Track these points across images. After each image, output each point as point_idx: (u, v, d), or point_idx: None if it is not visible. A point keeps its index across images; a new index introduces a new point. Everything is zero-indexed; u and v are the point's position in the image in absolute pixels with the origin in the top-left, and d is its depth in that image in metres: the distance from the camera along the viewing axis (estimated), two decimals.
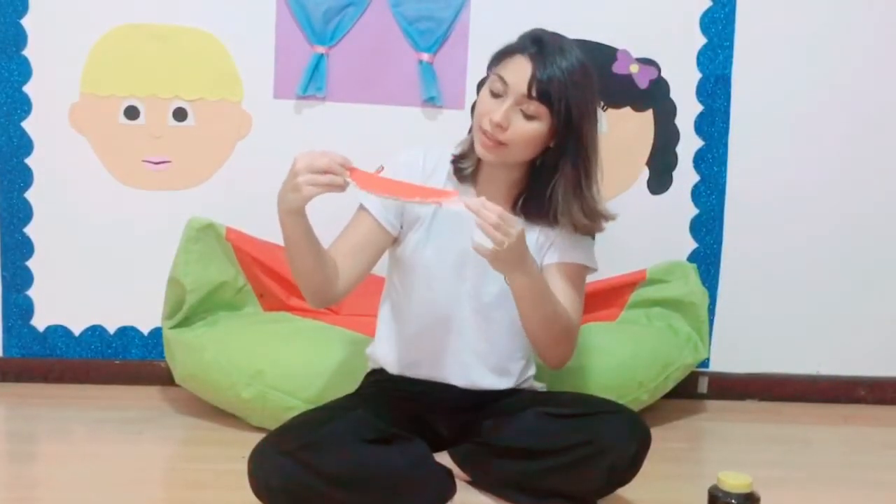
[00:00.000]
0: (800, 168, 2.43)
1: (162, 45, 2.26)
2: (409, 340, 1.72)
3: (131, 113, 2.28)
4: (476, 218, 1.43)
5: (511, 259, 1.48)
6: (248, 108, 2.30)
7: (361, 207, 1.66)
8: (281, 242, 2.20)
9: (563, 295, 1.66)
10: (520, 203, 1.69)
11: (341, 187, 1.46)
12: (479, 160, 1.67)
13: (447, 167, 1.70)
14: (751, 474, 1.45)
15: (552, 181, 1.64)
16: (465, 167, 1.68)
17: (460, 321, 1.69)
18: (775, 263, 2.45)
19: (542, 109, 1.56)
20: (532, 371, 1.82)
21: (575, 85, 1.56)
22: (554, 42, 1.59)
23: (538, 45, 1.57)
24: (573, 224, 1.65)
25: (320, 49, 2.28)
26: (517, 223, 1.47)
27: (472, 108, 1.68)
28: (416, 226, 1.69)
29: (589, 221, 1.66)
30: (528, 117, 1.57)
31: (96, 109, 2.27)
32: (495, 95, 1.58)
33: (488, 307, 1.69)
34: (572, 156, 1.61)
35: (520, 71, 1.56)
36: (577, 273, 1.70)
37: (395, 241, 1.71)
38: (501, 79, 1.58)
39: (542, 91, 1.55)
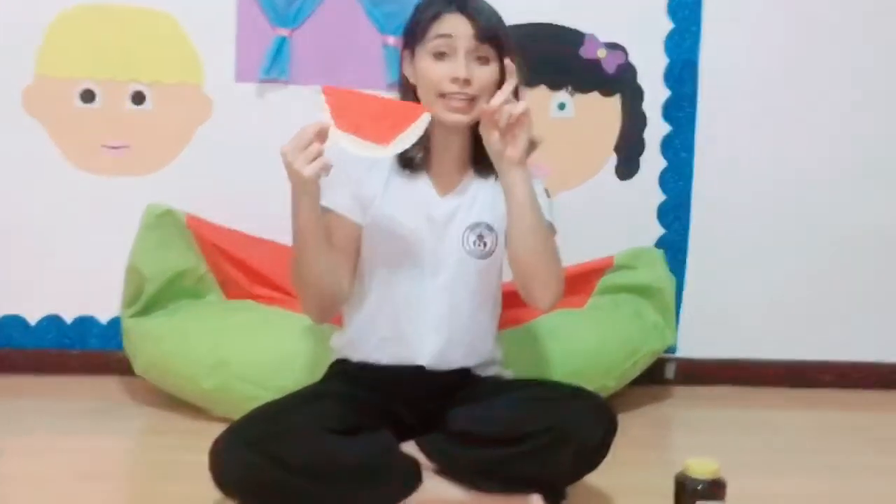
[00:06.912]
0: (767, 154, 2.44)
1: (119, 27, 2.22)
2: (372, 319, 1.69)
3: (87, 96, 2.24)
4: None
5: (524, 146, 1.52)
6: (209, 92, 2.27)
7: (324, 209, 1.60)
8: (242, 229, 2.22)
9: None
10: (475, 163, 1.68)
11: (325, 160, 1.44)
12: (427, 144, 1.64)
13: (387, 162, 1.66)
14: (718, 460, 1.46)
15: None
16: (415, 155, 1.65)
17: (422, 293, 1.66)
18: (742, 249, 2.46)
19: (491, 51, 1.59)
20: (499, 354, 1.80)
21: (501, 21, 1.62)
22: None
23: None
24: None
25: (283, 31, 2.25)
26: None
27: (401, 90, 1.65)
28: (373, 201, 1.65)
29: None
30: (483, 62, 1.59)
31: (51, 92, 2.23)
32: (440, 56, 1.58)
33: (451, 278, 1.66)
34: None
35: (458, 24, 1.57)
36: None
37: None
38: (444, 35, 1.57)
39: (489, 33, 1.58)
